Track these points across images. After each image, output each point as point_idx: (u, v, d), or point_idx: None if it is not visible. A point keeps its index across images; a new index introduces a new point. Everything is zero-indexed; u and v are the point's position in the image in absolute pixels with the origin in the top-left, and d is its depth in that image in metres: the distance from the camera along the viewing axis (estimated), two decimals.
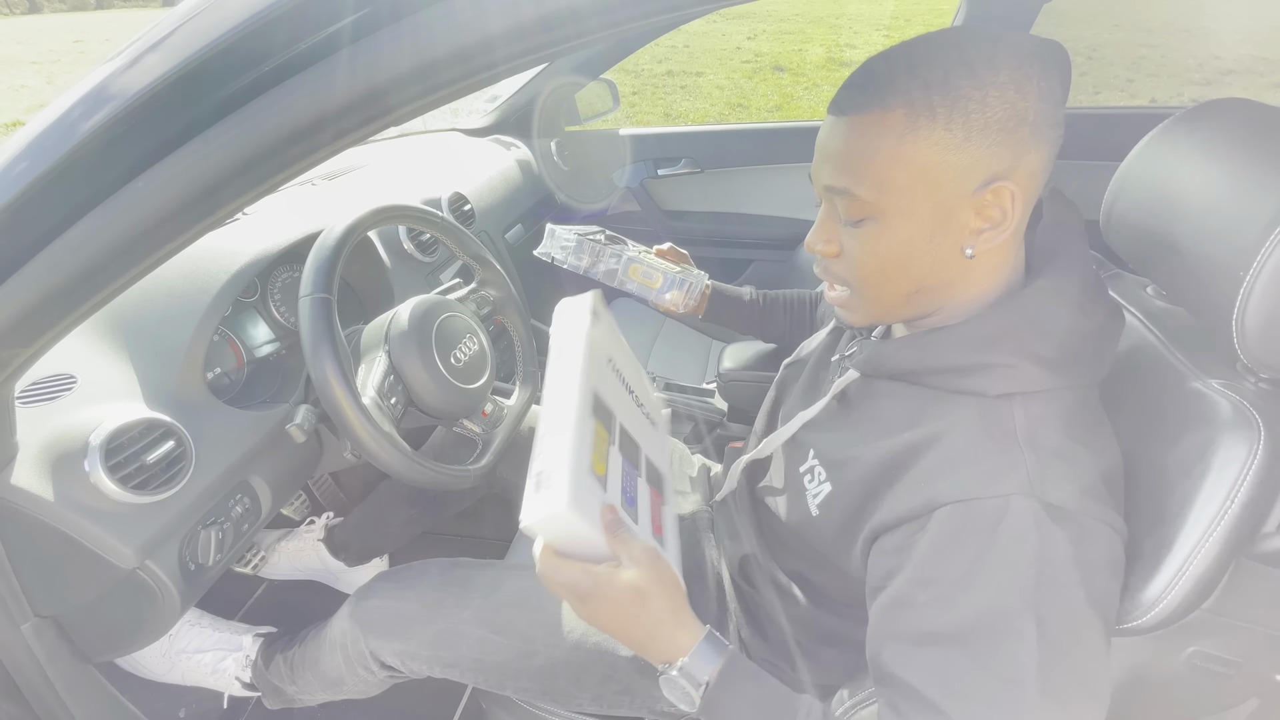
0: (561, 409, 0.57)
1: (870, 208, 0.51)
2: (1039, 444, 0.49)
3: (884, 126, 0.49)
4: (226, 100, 0.39)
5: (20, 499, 0.64)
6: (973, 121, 0.47)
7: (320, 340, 0.70)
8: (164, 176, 0.41)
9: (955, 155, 0.48)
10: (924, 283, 0.54)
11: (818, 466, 0.63)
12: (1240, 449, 0.50)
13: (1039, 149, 0.49)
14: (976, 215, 0.50)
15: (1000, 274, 0.55)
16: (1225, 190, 0.54)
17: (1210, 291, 0.54)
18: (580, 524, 0.52)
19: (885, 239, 0.52)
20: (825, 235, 0.57)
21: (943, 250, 0.52)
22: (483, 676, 0.79)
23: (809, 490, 0.63)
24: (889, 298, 0.56)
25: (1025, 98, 0.47)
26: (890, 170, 0.49)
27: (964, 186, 0.49)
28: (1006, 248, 0.53)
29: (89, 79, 0.42)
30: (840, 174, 0.52)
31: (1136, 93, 5.33)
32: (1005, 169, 0.48)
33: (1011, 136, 0.47)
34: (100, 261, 0.45)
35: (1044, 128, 0.48)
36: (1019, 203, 0.50)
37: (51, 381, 0.72)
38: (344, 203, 1.14)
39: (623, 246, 1.00)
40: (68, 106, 0.42)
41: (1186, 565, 0.49)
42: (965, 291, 0.55)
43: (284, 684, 0.96)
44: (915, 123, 0.48)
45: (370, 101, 0.37)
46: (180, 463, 0.72)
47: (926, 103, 0.47)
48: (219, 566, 0.80)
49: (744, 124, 2.06)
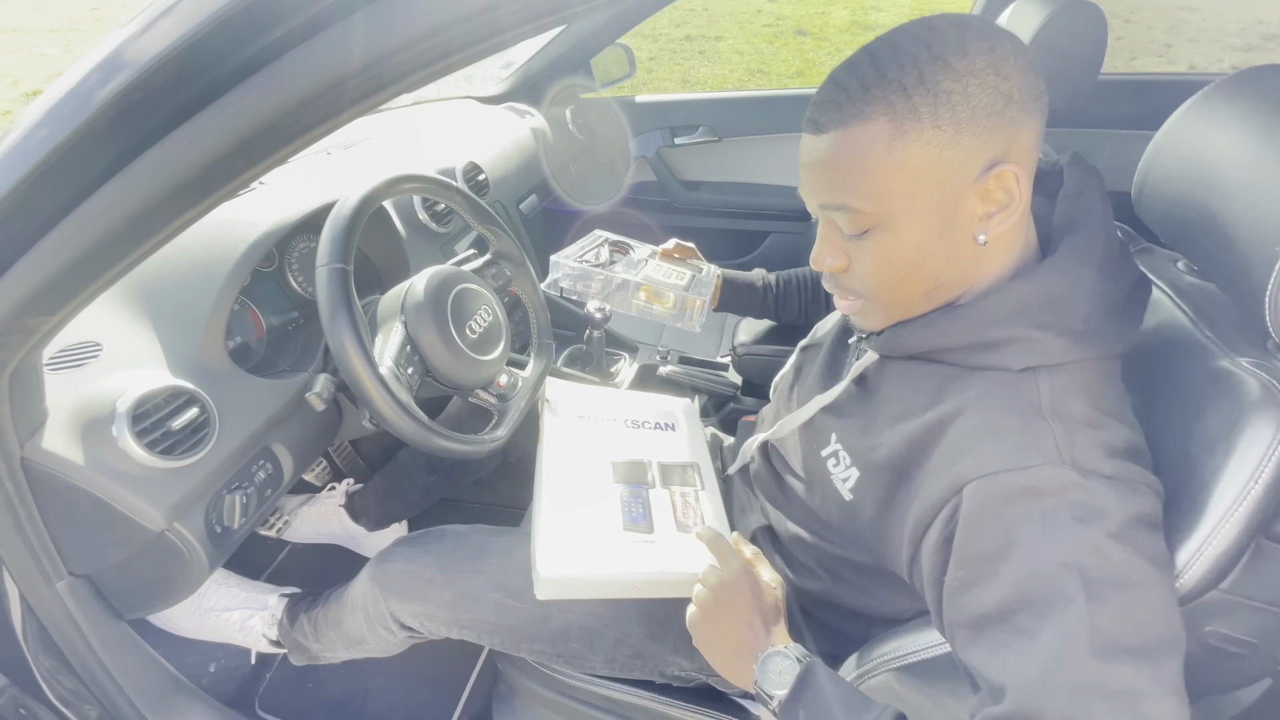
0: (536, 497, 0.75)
1: (873, 218, 0.51)
2: (1064, 414, 0.48)
3: (870, 137, 0.48)
4: (244, 64, 0.38)
5: (52, 462, 0.66)
6: (960, 113, 0.46)
7: (337, 310, 0.71)
8: (183, 143, 0.41)
9: (949, 150, 0.47)
10: (941, 278, 0.53)
11: (841, 451, 0.62)
12: (1267, 429, 0.48)
13: (1029, 123, 0.48)
14: (983, 201, 0.49)
15: (1014, 250, 0.54)
16: (1265, 162, 0.52)
17: (1244, 267, 0.52)
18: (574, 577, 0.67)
19: (895, 245, 0.51)
20: (831, 251, 0.56)
21: (955, 243, 0.51)
22: (499, 638, 0.81)
23: (835, 475, 0.62)
24: (908, 299, 0.55)
25: (1006, 78, 0.46)
26: (886, 178, 0.49)
27: (965, 177, 0.48)
28: (1018, 226, 0.53)
29: (104, 46, 0.42)
30: (834, 191, 0.51)
31: (1175, 58, 5.11)
32: (1002, 151, 0.48)
33: (1001, 118, 0.47)
34: (121, 229, 0.45)
35: (1029, 101, 0.48)
36: (1023, 180, 0.49)
37: (78, 349, 0.73)
38: (359, 172, 1.13)
39: (627, 257, 0.99)
40: (84, 74, 0.42)
41: (1206, 544, 0.49)
42: (983, 274, 0.54)
43: (308, 642, 1.00)
44: (902, 127, 0.47)
45: (389, 60, 0.37)
46: (204, 429, 0.74)
47: (908, 105, 0.46)
48: (244, 529, 0.83)
49: (764, 90, 2.01)
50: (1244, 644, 0.52)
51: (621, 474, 0.81)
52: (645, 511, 0.76)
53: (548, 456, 0.80)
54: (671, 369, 1.31)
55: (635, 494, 0.78)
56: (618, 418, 0.90)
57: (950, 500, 0.49)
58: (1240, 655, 0.53)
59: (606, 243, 1.05)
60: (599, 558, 0.70)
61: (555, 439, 0.83)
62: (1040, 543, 0.45)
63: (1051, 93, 0.53)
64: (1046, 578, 0.44)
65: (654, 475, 0.82)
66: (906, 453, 0.54)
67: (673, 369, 1.31)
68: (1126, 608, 0.43)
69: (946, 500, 0.49)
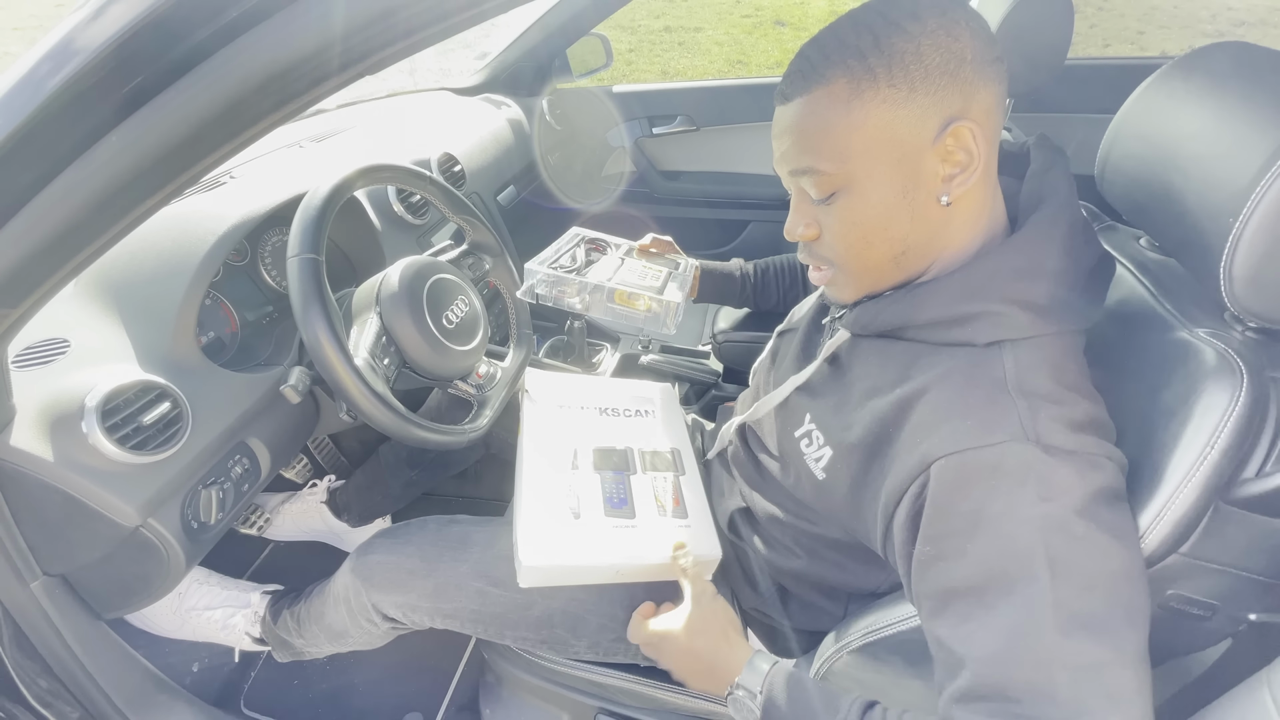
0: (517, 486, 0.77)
1: (838, 179, 0.52)
2: (1029, 389, 0.49)
3: (830, 99, 0.50)
4: (199, 46, 0.38)
5: (21, 460, 0.65)
6: (913, 72, 0.48)
7: (310, 301, 0.70)
8: (138, 130, 0.40)
9: (905, 108, 0.49)
10: (908, 241, 0.54)
11: (815, 431, 0.63)
12: (1222, 396, 0.50)
13: (987, 85, 0.50)
14: (943, 162, 0.51)
15: (981, 220, 0.55)
16: (1219, 136, 0.53)
17: (1201, 240, 0.53)
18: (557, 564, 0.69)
19: (860, 206, 0.53)
20: (803, 220, 0.58)
21: (919, 204, 0.53)
22: (482, 627, 0.81)
23: (808, 454, 0.63)
24: (876, 264, 0.56)
25: (958, 39, 0.48)
26: (847, 138, 0.51)
27: (923, 136, 0.50)
28: (981, 191, 0.54)
29: (55, 32, 0.41)
30: (801, 155, 0.53)
31: (1147, 45, 5.18)
32: (958, 110, 0.49)
33: (955, 78, 0.49)
34: (80, 218, 0.44)
35: (985, 64, 0.50)
36: (980, 140, 0.50)
37: (45, 346, 0.72)
38: (332, 164, 1.11)
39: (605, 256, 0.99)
40: (35, 62, 0.41)
41: (1165, 509, 0.50)
42: (951, 243, 0.55)
43: (292, 638, 0.99)
44: (859, 88, 0.49)
45: (344, 44, 0.37)
46: (177, 424, 0.73)
47: (865, 67, 0.49)
48: (221, 525, 0.82)
49: (741, 79, 2.01)
50: (1205, 606, 0.54)
51: (602, 461, 0.81)
52: (626, 497, 0.77)
53: (528, 446, 0.81)
54: (653, 358, 1.31)
55: (617, 480, 0.79)
56: (596, 405, 0.90)
57: (919, 477, 0.50)
58: (1202, 618, 0.54)
59: (583, 242, 1.04)
60: (581, 544, 0.71)
61: (534, 428, 0.84)
62: (1005, 520, 0.46)
63: (1019, 78, 0.54)
64: (1012, 555, 0.46)
65: (634, 461, 0.83)
66: (878, 430, 0.55)
67: (654, 358, 1.31)
68: (1090, 582, 0.45)
69: (915, 477, 0.50)
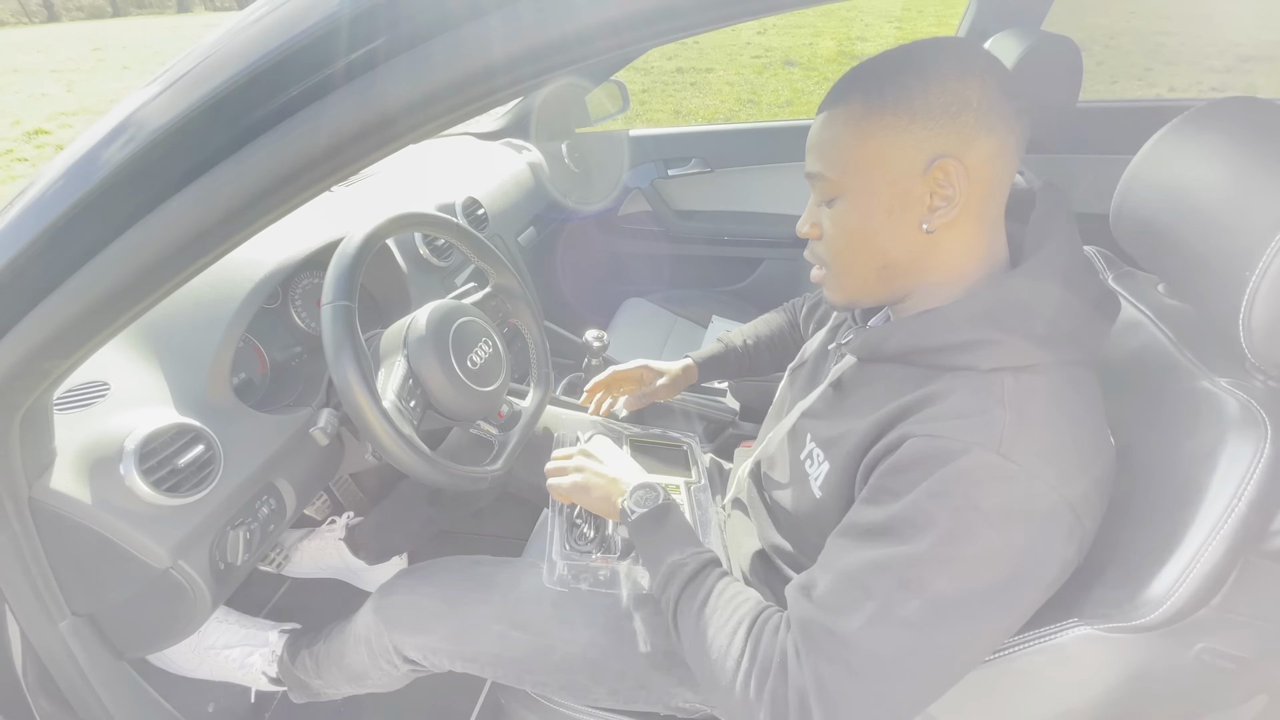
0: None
1: (837, 186, 0.58)
2: (1024, 410, 0.51)
3: (846, 117, 0.56)
4: (255, 124, 0.41)
5: (59, 502, 0.67)
6: (916, 107, 0.53)
7: (342, 346, 0.72)
8: (194, 198, 0.43)
9: (903, 136, 0.54)
10: (889, 256, 0.59)
11: (815, 449, 0.65)
12: (1247, 448, 0.50)
13: (991, 134, 0.53)
14: (930, 194, 0.55)
15: (971, 256, 0.58)
16: (1232, 190, 0.54)
17: (1217, 290, 0.54)
18: None
19: (850, 214, 0.58)
20: (810, 219, 0.63)
21: (903, 225, 0.57)
22: (501, 671, 0.81)
23: (810, 474, 0.65)
24: (860, 272, 0.61)
25: (967, 86, 0.52)
26: (851, 152, 0.56)
27: (914, 165, 0.54)
28: (969, 227, 0.57)
29: (124, 106, 0.44)
30: (815, 160, 0.59)
31: (1155, 81, 5.24)
32: (952, 149, 0.53)
33: (955, 121, 0.52)
34: (136, 277, 0.47)
35: (993, 117, 0.53)
36: (969, 179, 0.54)
37: (86, 389, 0.74)
38: (361, 209, 1.16)
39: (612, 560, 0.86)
40: (105, 132, 0.44)
41: (1194, 562, 0.50)
42: (935, 272, 0.59)
43: (309, 678, 0.99)
44: (869, 111, 0.55)
45: (386, 125, 0.39)
46: (210, 465, 0.75)
47: (879, 94, 0.54)
48: (247, 565, 0.83)
49: (752, 123, 2.06)
50: (1238, 660, 0.53)
51: None
52: None
53: None
54: None
55: None
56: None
57: (894, 448, 0.54)
58: (1235, 672, 0.53)
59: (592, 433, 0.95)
60: None
61: None
62: (928, 500, 0.50)
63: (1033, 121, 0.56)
64: (915, 526, 0.50)
65: None
66: (872, 436, 0.57)
67: None
68: (959, 594, 0.49)
69: (891, 448, 0.54)
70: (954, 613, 0.50)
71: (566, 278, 1.97)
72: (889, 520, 0.52)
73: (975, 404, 0.52)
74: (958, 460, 0.49)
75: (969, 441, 0.50)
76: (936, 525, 0.49)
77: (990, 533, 0.49)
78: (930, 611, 0.49)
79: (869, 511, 0.54)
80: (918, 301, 0.61)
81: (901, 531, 0.51)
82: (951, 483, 0.49)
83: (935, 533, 0.49)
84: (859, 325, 0.72)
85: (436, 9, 0.38)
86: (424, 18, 0.38)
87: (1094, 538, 0.53)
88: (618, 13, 0.37)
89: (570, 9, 0.37)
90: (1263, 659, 0.53)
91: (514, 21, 0.38)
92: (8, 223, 0.49)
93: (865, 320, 0.73)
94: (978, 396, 0.52)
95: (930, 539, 0.49)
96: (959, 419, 0.51)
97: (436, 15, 0.38)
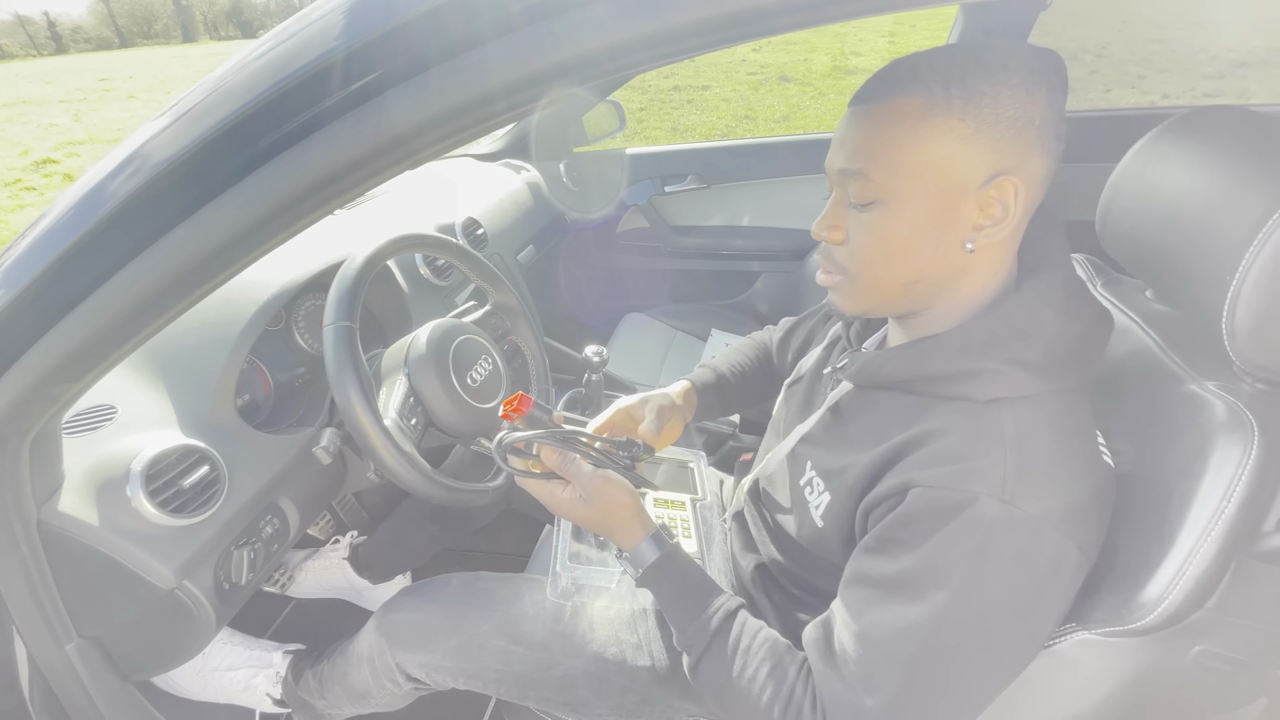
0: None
1: (881, 190, 0.53)
2: (1025, 450, 0.51)
3: (903, 113, 0.51)
4: (259, 153, 0.42)
5: (67, 524, 0.68)
6: (985, 115, 0.49)
7: (344, 366, 0.74)
8: (199, 226, 0.44)
9: (966, 146, 0.50)
10: (924, 272, 0.55)
11: (816, 478, 0.65)
12: (1235, 450, 0.51)
13: (1043, 156, 0.51)
14: (980, 210, 0.52)
15: (996, 276, 0.57)
16: (1212, 196, 0.55)
17: (1201, 295, 0.55)
18: None
19: (891, 223, 0.54)
20: (832, 222, 0.58)
21: (945, 241, 0.54)
22: (504, 687, 0.81)
23: (810, 502, 0.65)
24: (887, 285, 0.57)
25: (1035, 102, 0.49)
26: (904, 155, 0.51)
27: (971, 179, 0.51)
28: (1003, 248, 0.55)
29: (133, 139, 0.46)
30: (856, 156, 0.54)
31: (1148, 89, 5.28)
32: (1011, 166, 0.51)
33: (1020, 136, 0.50)
34: (143, 303, 0.48)
35: (1049, 137, 0.51)
36: (1021, 200, 0.51)
37: (94, 412, 0.76)
38: (363, 230, 1.18)
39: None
40: (115, 164, 0.46)
41: (1186, 565, 0.50)
42: (961, 290, 0.57)
43: (313, 699, 0.99)
44: (932, 111, 0.50)
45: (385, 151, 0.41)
46: (215, 486, 0.76)
47: (944, 94, 0.50)
48: (251, 585, 0.84)
49: (747, 139, 2.09)
50: (1236, 662, 0.53)
51: None
52: None
53: None
54: None
55: None
56: None
57: (896, 495, 0.54)
58: (1233, 674, 0.53)
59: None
60: None
61: None
62: (940, 554, 0.50)
63: None
64: (928, 580, 0.51)
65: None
66: (873, 472, 0.57)
67: None
68: (968, 648, 0.51)
69: (893, 495, 0.54)
70: (977, 665, 0.51)
71: (566, 294, 1.98)
72: (903, 575, 0.52)
73: (975, 445, 0.52)
74: (965, 512, 0.50)
75: (975, 491, 0.50)
76: (951, 579, 0.50)
77: (1004, 581, 0.49)
78: (955, 671, 0.51)
79: (881, 563, 0.54)
80: (927, 320, 0.59)
81: (918, 587, 0.51)
82: (962, 535, 0.50)
83: (951, 587, 0.50)
84: (854, 348, 0.71)
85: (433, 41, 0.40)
86: (420, 50, 0.40)
87: None
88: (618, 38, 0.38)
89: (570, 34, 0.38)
90: (1261, 661, 0.53)
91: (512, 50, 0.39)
92: (21, 252, 0.51)
93: (860, 341, 0.72)
94: (978, 436, 0.52)
95: (947, 594, 0.50)
96: (961, 463, 0.51)
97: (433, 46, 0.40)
